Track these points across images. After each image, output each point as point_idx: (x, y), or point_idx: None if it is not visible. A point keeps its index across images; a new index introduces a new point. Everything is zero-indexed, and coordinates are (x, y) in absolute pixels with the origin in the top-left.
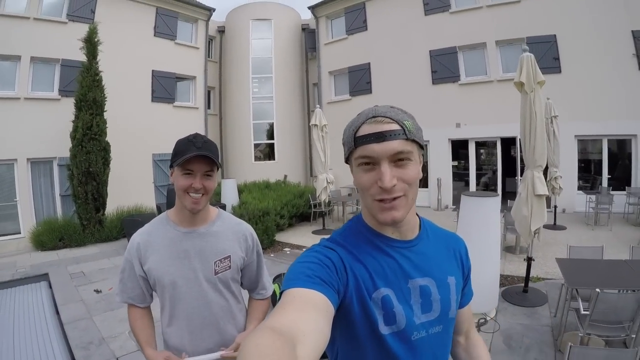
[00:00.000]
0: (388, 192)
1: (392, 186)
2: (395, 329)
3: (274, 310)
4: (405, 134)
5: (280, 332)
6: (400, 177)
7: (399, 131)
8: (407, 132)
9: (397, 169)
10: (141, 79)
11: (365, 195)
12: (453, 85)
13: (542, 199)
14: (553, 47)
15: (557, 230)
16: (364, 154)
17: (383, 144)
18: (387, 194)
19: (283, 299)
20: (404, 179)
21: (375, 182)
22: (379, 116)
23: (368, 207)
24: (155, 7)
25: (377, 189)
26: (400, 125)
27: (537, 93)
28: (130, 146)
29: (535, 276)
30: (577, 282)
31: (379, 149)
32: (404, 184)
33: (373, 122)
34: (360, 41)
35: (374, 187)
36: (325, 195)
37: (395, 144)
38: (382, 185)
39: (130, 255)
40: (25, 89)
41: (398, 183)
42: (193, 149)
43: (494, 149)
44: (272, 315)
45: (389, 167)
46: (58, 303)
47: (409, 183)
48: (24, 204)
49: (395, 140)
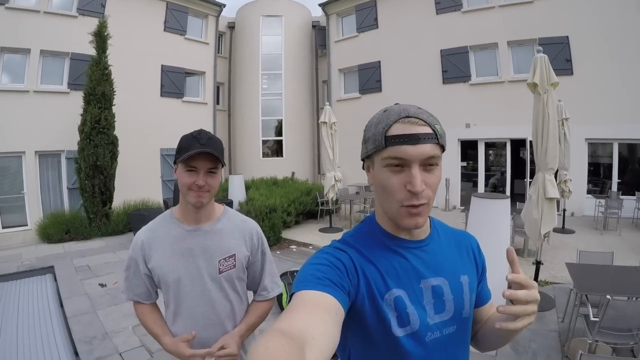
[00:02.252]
0: (417, 197)
1: (422, 191)
2: (409, 330)
3: (284, 313)
4: (437, 138)
5: (289, 335)
6: (427, 182)
7: (431, 135)
8: (439, 136)
9: (426, 174)
10: (150, 73)
11: (389, 197)
12: (464, 85)
13: (552, 202)
14: (565, 49)
15: (566, 234)
16: (396, 155)
17: (417, 146)
18: (417, 200)
19: (293, 301)
20: (430, 184)
21: (404, 186)
22: (412, 117)
23: (390, 211)
24: (165, 2)
25: (406, 193)
26: (432, 128)
27: (551, 94)
28: (138, 140)
29: (543, 280)
30: (587, 288)
31: (413, 151)
32: (429, 190)
33: (407, 123)
34: (370, 39)
35: (401, 191)
36: (332, 193)
37: (428, 147)
38: (412, 189)
39: (134, 253)
40: (34, 82)
41: (425, 189)
42: (197, 146)
43: (503, 150)
44: (282, 318)
45: (419, 170)
46: (63, 296)
47: (433, 190)
48: (31, 196)
49: (428, 144)
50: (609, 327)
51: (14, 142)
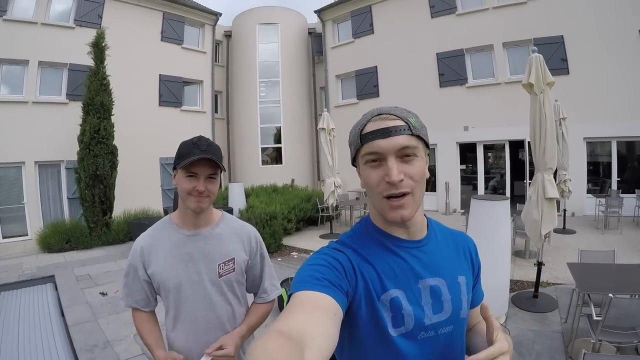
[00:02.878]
0: (396, 186)
1: (400, 180)
2: (403, 330)
3: (282, 314)
4: (410, 129)
5: (288, 336)
6: (406, 172)
7: (403, 126)
8: (412, 127)
9: (404, 165)
10: (148, 83)
11: (373, 193)
12: (460, 88)
13: (552, 202)
14: (561, 48)
15: (567, 234)
16: (370, 150)
17: (389, 139)
18: (395, 189)
19: (291, 302)
20: (410, 174)
21: (383, 179)
22: (383, 114)
23: (376, 206)
24: (162, 12)
25: (385, 185)
26: (404, 121)
27: (547, 94)
28: (138, 150)
29: (545, 281)
30: (589, 287)
31: (385, 144)
32: (411, 180)
33: (378, 119)
34: (367, 45)
35: (381, 184)
36: (332, 199)
37: (401, 138)
38: (389, 179)
39: (133, 260)
40: (33, 93)
41: (405, 179)
42: (197, 152)
43: (502, 152)
44: (280, 319)
45: (395, 162)
46: (63, 305)
47: (415, 180)
48: (31, 206)
49: (401, 135)
50: (613, 326)
51: (14, 152)
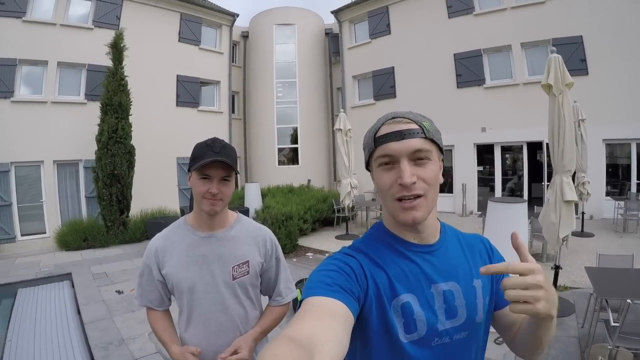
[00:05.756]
0: (408, 189)
1: (412, 183)
2: (415, 337)
3: (293, 319)
4: (424, 133)
5: (298, 342)
6: (419, 175)
7: (417, 130)
8: (426, 131)
9: (417, 168)
10: (166, 83)
11: (385, 196)
12: (478, 89)
13: (571, 205)
14: (580, 49)
15: (585, 237)
16: (384, 153)
17: (402, 142)
18: (407, 191)
19: (302, 307)
20: (423, 177)
21: (396, 181)
22: (397, 117)
23: (389, 209)
24: (179, 13)
25: (397, 187)
26: (418, 124)
27: (566, 95)
28: (155, 149)
29: (562, 285)
30: (607, 292)
31: (398, 146)
32: (424, 183)
33: (392, 123)
34: (383, 45)
35: (394, 186)
36: (349, 200)
37: (414, 142)
38: (402, 181)
39: (148, 260)
40: (52, 93)
41: (418, 181)
42: (210, 154)
43: (519, 153)
44: (291, 325)
45: (408, 164)
46: (80, 303)
47: (428, 183)
48: (49, 204)
49: (414, 138)
50: (630, 332)
51: (33, 151)
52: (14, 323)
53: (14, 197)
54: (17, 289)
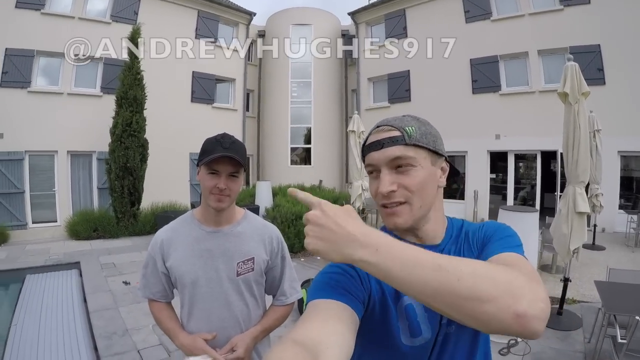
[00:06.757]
0: (387, 197)
1: (389, 192)
2: (422, 340)
3: (298, 322)
4: (404, 139)
5: (303, 345)
6: (401, 183)
7: (397, 137)
8: (407, 137)
9: (398, 175)
10: (181, 79)
11: (375, 202)
12: (493, 95)
13: (583, 216)
14: (597, 58)
15: (596, 250)
16: (368, 163)
17: (381, 151)
18: (387, 200)
19: (307, 310)
20: (404, 185)
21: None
22: (381, 125)
23: (380, 213)
24: (197, 10)
25: (380, 195)
26: (400, 131)
27: (582, 104)
28: (168, 144)
29: (570, 298)
30: (616, 308)
31: (377, 156)
32: (406, 190)
33: (376, 132)
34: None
35: (378, 194)
36: (359, 203)
37: (393, 149)
38: (379, 190)
39: (153, 251)
40: (68, 84)
41: (399, 190)
42: (219, 149)
43: (533, 162)
44: (296, 327)
45: (388, 173)
46: (86, 291)
47: (411, 190)
48: (62, 194)
49: (394, 146)
50: (637, 350)
51: (48, 141)
52: (20, 308)
53: (27, 185)
54: (25, 274)
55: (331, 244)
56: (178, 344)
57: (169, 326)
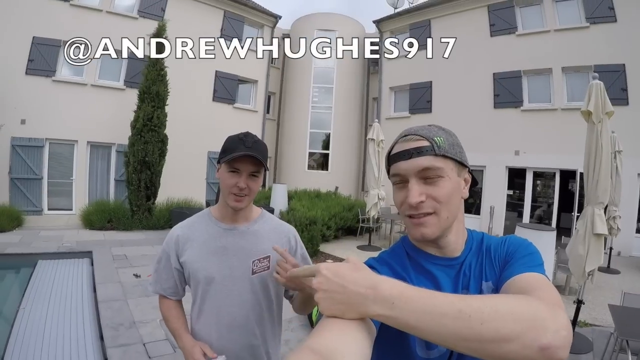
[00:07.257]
0: (415, 208)
1: (419, 202)
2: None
3: (314, 330)
4: (434, 150)
5: (319, 354)
6: (430, 194)
7: (427, 147)
8: (436, 147)
9: (427, 186)
10: (204, 78)
11: (400, 212)
12: (515, 111)
13: (600, 238)
14: (621, 77)
15: (611, 274)
16: (394, 172)
17: (410, 161)
18: (415, 210)
19: (324, 318)
20: (433, 196)
21: (406, 200)
22: (409, 134)
23: (405, 223)
24: (223, 10)
25: (407, 205)
26: (429, 141)
27: (605, 124)
28: (188, 141)
29: (582, 321)
30: (629, 333)
31: (406, 166)
32: (434, 201)
33: (403, 141)
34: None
35: (404, 205)
36: (375, 211)
37: (423, 160)
38: (408, 201)
39: (167, 247)
40: (93, 76)
41: (427, 200)
42: (242, 148)
43: (551, 180)
44: (312, 336)
45: (417, 183)
46: (97, 281)
47: (439, 201)
48: (79, 183)
49: (423, 156)
50: None
51: (69, 131)
52: (30, 292)
53: (45, 172)
54: (37, 260)
55: (344, 305)
56: (181, 345)
57: (175, 326)
